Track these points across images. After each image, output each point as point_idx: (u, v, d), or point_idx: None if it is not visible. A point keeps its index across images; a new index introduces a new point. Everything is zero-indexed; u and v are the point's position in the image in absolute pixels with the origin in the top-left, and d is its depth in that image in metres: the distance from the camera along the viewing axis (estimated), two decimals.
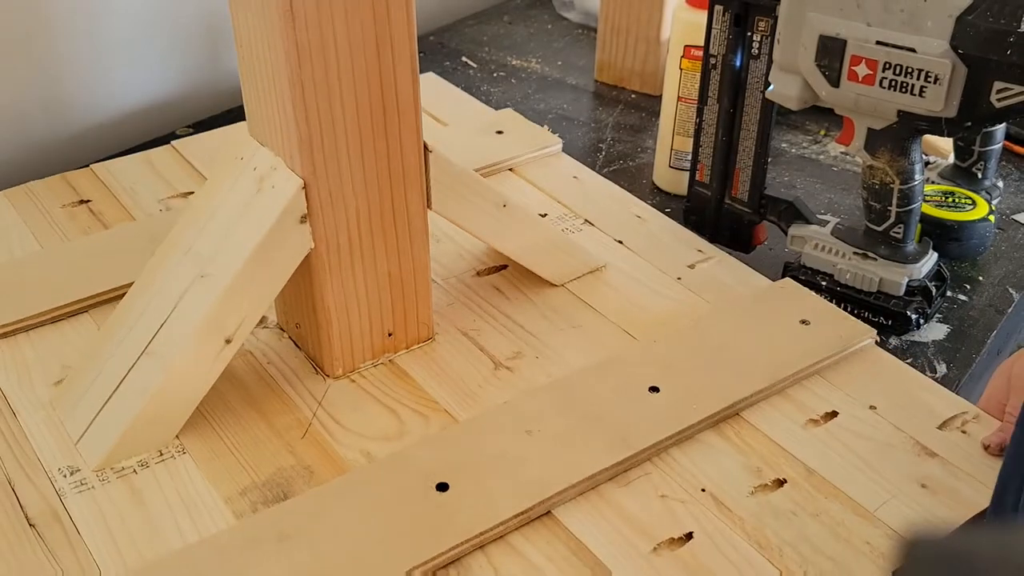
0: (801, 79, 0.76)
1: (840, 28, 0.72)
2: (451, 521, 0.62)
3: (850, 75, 0.73)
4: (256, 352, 0.77)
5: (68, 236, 0.90)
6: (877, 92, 0.73)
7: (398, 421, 0.71)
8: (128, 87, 1.11)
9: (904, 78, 0.71)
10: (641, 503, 0.65)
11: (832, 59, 0.73)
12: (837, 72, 0.74)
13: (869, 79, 0.73)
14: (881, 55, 0.71)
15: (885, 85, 0.72)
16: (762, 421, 0.71)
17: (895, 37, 0.70)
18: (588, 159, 1.06)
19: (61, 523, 0.63)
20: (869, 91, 0.73)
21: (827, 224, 0.84)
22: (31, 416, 0.71)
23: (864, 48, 0.72)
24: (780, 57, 0.77)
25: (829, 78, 0.74)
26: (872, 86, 0.73)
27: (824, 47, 0.73)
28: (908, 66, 0.70)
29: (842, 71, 0.73)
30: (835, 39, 0.73)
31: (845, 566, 0.61)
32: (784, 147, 1.09)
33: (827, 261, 0.83)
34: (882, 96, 0.72)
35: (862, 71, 0.73)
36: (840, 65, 0.73)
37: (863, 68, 0.72)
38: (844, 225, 0.83)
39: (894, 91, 0.72)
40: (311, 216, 0.67)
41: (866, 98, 0.73)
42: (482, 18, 1.40)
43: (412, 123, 0.68)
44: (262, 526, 0.62)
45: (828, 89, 0.75)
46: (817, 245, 0.83)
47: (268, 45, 0.63)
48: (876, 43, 0.71)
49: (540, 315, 0.82)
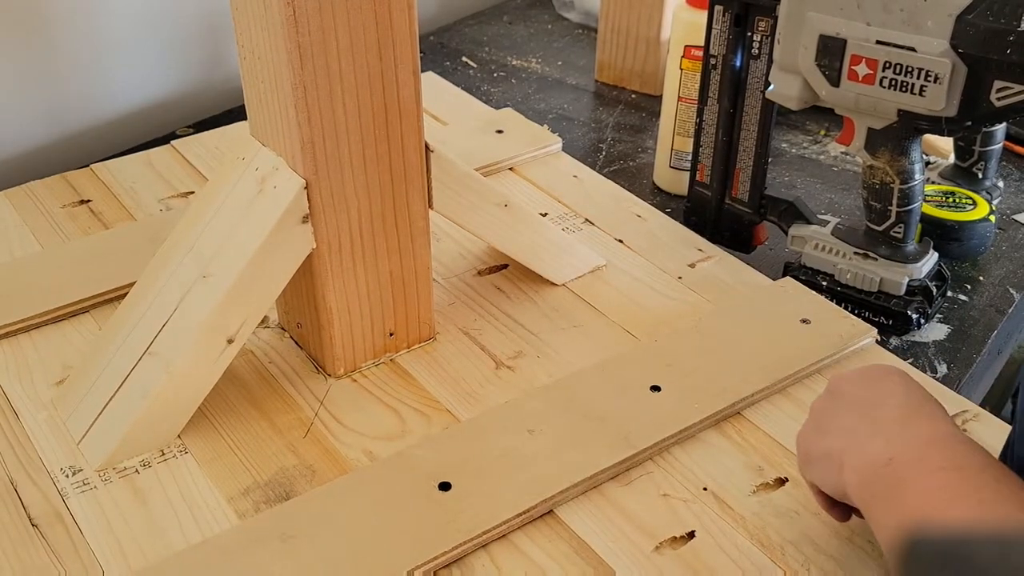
0: (801, 79, 0.76)
1: (840, 28, 0.73)
2: (454, 520, 0.62)
3: (850, 75, 0.73)
4: (258, 352, 0.77)
5: (69, 236, 0.90)
6: (877, 91, 0.73)
7: (400, 421, 0.71)
8: (128, 87, 1.11)
9: (904, 77, 0.71)
10: (643, 502, 0.65)
11: (832, 59, 0.73)
12: (837, 72, 0.74)
13: (869, 78, 0.73)
14: (881, 54, 0.71)
15: (885, 84, 0.72)
16: (764, 420, 0.71)
17: (895, 36, 0.70)
18: (588, 159, 1.06)
19: (64, 523, 0.63)
20: (869, 90, 0.73)
21: (827, 224, 0.84)
22: (33, 416, 0.71)
23: (864, 48, 0.72)
24: (780, 57, 0.77)
25: (829, 78, 0.74)
26: (872, 85, 0.73)
27: (824, 47, 0.73)
28: (908, 65, 0.70)
29: (842, 71, 0.73)
30: (835, 39, 0.73)
31: (847, 565, 0.61)
32: (784, 147, 1.09)
33: (827, 261, 0.83)
34: (882, 95, 0.73)
35: (862, 70, 0.73)
36: (840, 64, 0.73)
37: (863, 67, 0.73)
38: (844, 225, 0.83)
39: (894, 90, 0.72)
40: (313, 216, 0.67)
41: (866, 97, 0.74)
42: (482, 18, 1.40)
43: (414, 123, 0.68)
44: (265, 526, 0.62)
45: (828, 88, 0.75)
46: (818, 245, 0.83)
47: (270, 47, 0.63)
48: (876, 43, 0.71)
49: (541, 314, 0.82)
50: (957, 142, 0.95)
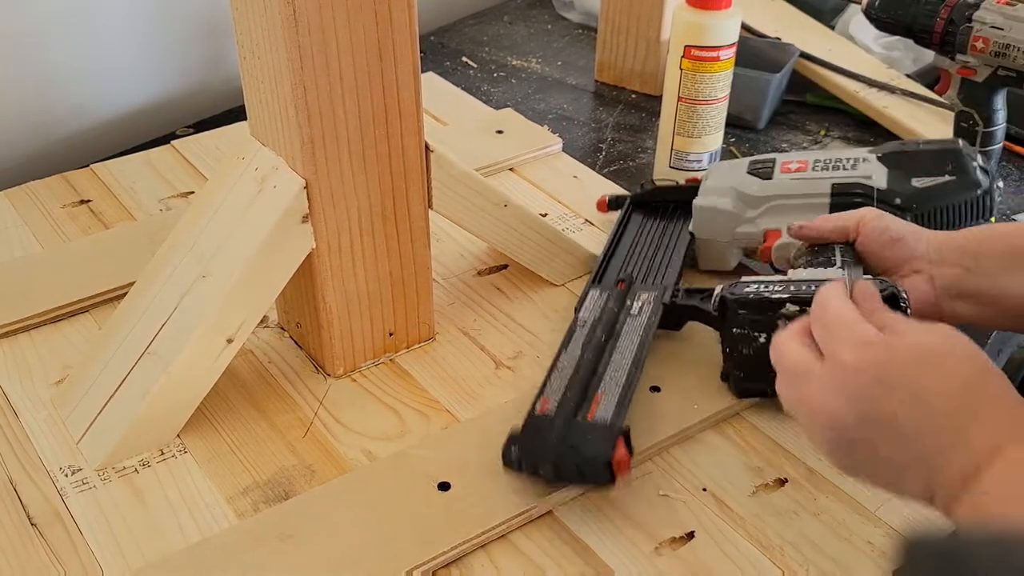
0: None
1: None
2: (453, 520, 0.62)
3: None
4: (257, 352, 0.77)
5: (69, 236, 0.90)
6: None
7: (399, 420, 0.71)
8: (128, 87, 1.11)
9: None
10: (643, 502, 0.65)
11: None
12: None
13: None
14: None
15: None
16: (763, 421, 0.71)
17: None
18: (588, 159, 1.06)
19: (63, 523, 0.63)
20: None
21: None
22: (32, 416, 0.71)
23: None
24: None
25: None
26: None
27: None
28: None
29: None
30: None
31: (846, 565, 0.61)
32: (784, 147, 1.09)
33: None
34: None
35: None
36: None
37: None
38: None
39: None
40: (312, 216, 0.67)
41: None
42: (482, 18, 1.40)
43: (413, 124, 0.68)
44: (264, 525, 0.62)
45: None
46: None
47: (270, 48, 0.63)
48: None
49: (541, 315, 0.82)
50: None
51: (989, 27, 0.88)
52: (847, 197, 0.77)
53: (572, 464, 0.62)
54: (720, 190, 0.82)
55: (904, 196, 0.78)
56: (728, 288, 0.68)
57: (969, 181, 0.78)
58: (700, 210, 0.83)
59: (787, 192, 0.80)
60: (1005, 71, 0.89)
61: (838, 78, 1.13)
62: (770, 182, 0.80)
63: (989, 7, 0.88)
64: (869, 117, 1.11)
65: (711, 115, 0.95)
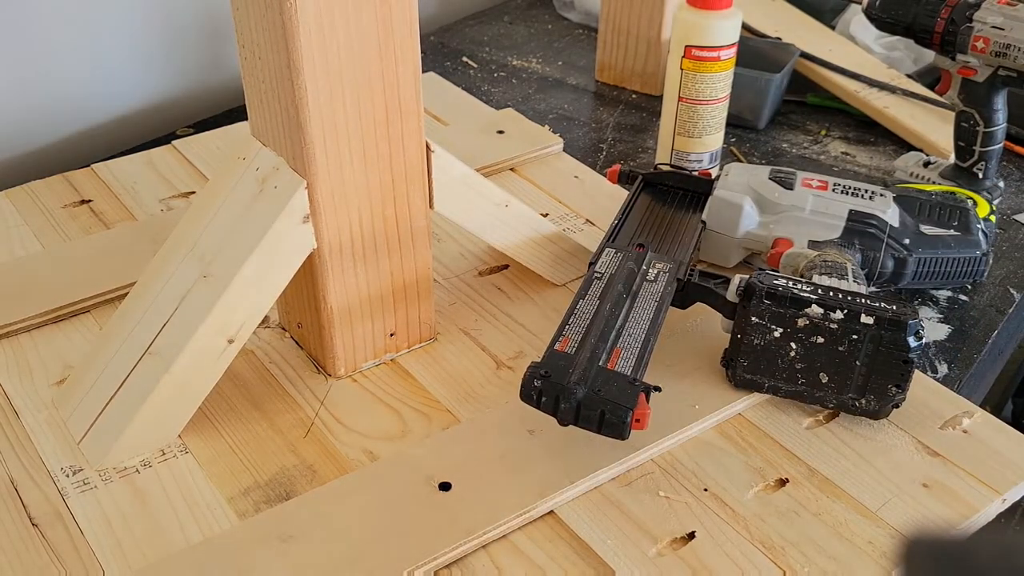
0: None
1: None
2: (454, 520, 0.62)
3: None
4: (258, 352, 0.77)
5: (69, 236, 0.90)
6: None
7: (400, 421, 0.71)
8: (128, 87, 1.11)
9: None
10: (644, 503, 0.65)
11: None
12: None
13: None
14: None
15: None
16: (764, 421, 0.71)
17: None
18: (589, 159, 1.06)
19: (64, 523, 0.63)
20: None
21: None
22: (33, 416, 0.71)
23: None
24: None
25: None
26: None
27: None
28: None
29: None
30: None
31: (847, 565, 0.61)
32: (784, 147, 1.09)
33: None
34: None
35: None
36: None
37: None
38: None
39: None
40: (313, 216, 0.67)
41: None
42: (483, 18, 1.40)
43: (414, 124, 0.68)
44: (265, 526, 0.62)
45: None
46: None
47: (271, 48, 0.63)
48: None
49: (542, 315, 0.82)
50: (958, 142, 0.95)
51: (990, 27, 0.88)
52: (862, 225, 0.81)
53: (595, 408, 0.61)
54: (741, 187, 0.84)
55: (912, 238, 0.82)
56: (757, 276, 0.69)
57: (971, 240, 0.83)
58: (718, 202, 0.84)
59: (807, 206, 0.82)
60: (1006, 71, 0.89)
61: (838, 78, 1.13)
62: (792, 192, 0.83)
63: (990, 7, 0.88)
64: (869, 117, 1.12)
65: (712, 115, 0.95)
